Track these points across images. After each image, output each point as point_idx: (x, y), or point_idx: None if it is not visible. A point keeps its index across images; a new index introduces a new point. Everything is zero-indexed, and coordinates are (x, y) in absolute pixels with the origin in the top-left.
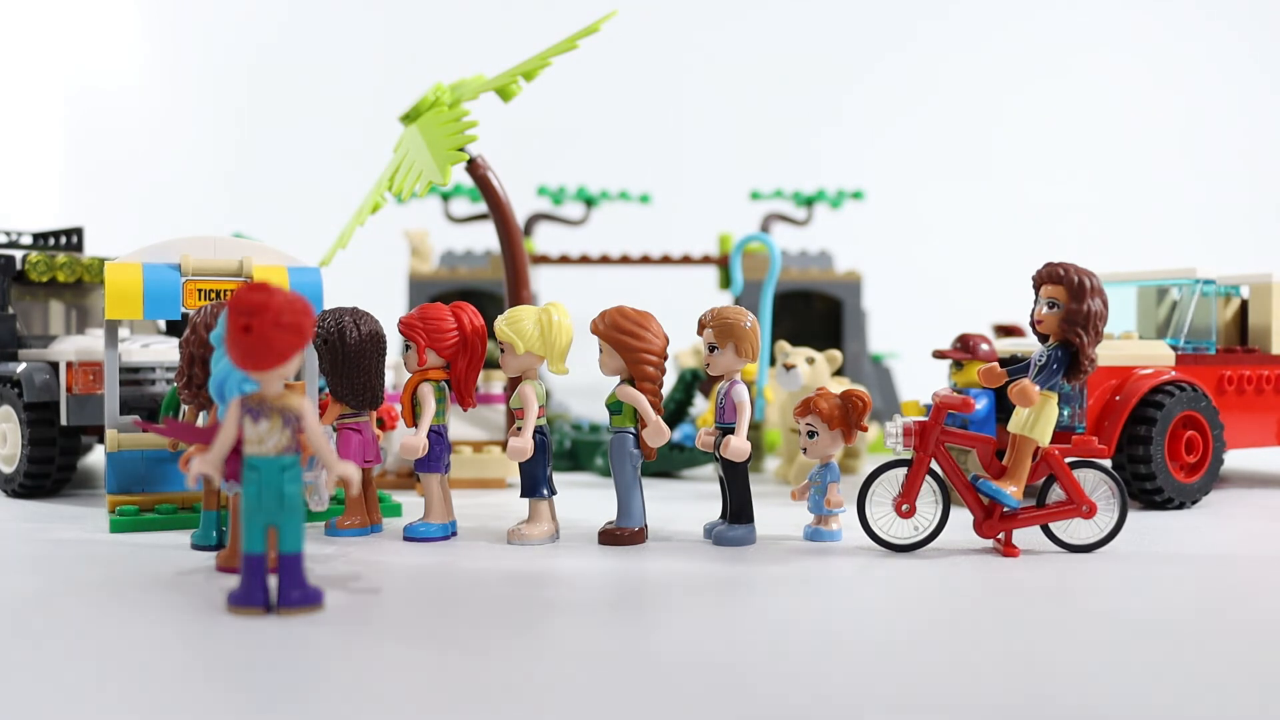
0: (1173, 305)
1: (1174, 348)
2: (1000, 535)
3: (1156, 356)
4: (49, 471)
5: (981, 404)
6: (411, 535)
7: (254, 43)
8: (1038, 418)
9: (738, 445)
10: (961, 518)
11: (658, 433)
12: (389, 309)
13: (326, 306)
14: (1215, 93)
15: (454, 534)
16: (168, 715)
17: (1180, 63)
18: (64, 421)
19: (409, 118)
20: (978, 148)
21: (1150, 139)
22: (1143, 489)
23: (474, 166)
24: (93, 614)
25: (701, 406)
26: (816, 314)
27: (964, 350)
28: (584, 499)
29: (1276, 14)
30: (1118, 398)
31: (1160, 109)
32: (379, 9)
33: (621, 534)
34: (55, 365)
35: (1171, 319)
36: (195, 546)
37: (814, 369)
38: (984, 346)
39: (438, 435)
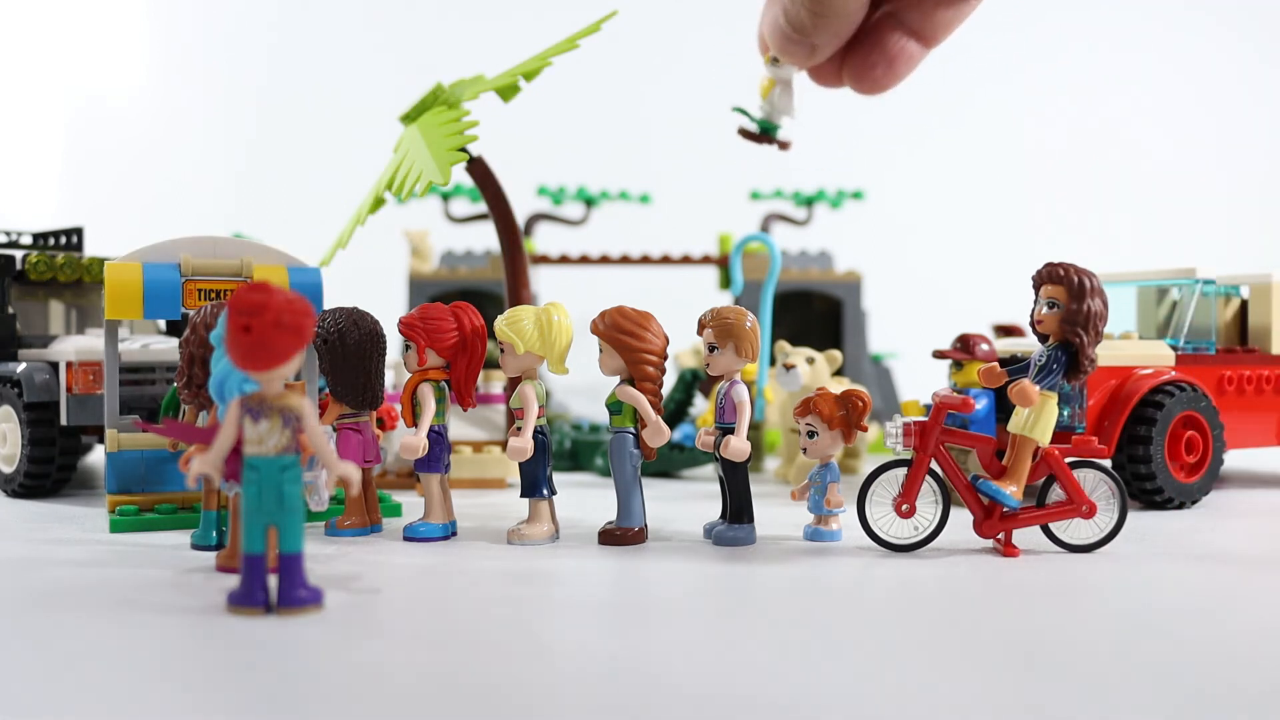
0: (1173, 305)
1: (1174, 348)
2: (1000, 535)
3: (1156, 356)
4: (49, 471)
5: (981, 404)
6: (411, 535)
7: (255, 43)
8: (1038, 418)
9: (738, 445)
10: (961, 518)
11: (658, 433)
12: (389, 309)
13: (326, 306)
14: (1216, 92)
15: (454, 534)
16: (168, 715)
17: (1181, 62)
18: (64, 421)
19: (409, 118)
20: (977, 147)
21: (1150, 139)
22: (1143, 489)
23: (474, 166)
24: (93, 614)
25: (701, 406)
26: (816, 314)
27: (964, 350)
28: (584, 499)
29: (1277, 14)
30: (1118, 398)
31: (1161, 109)
32: (379, 10)
33: (621, 534)
34: (55, 365)
35: (1171, 319)
36: (195, 546)
37: (814, 369)
38: (984, 346)
39: (438, 435)
